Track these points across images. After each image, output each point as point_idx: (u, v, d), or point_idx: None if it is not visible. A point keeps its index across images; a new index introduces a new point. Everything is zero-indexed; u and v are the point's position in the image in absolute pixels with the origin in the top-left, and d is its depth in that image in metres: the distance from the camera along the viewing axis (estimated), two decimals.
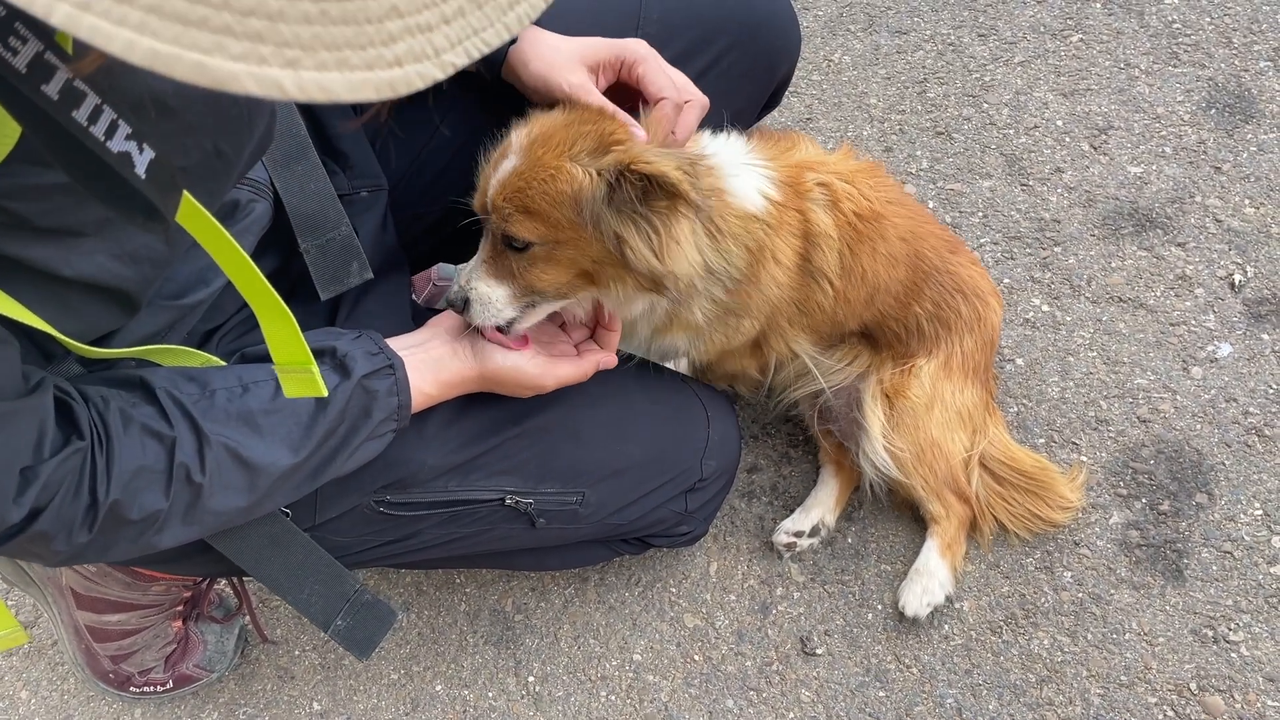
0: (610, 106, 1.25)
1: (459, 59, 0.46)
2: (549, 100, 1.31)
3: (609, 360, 1.38)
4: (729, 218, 1.34)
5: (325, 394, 0.95)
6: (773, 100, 1.74)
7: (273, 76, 0.41)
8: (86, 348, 0.96)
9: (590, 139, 1.19)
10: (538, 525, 1.42)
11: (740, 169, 1.37)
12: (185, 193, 0.75)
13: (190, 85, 0.87)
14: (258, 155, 1.06)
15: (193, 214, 0.80)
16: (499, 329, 1.29)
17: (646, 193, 1.17)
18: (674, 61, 1.47)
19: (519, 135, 1.22)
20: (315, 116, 1.33)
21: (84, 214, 0.85)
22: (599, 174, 1.17)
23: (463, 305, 1.28)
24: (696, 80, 1.53)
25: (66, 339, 0.93)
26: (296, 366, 0.93)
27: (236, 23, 0.40)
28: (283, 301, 0.87)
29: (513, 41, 1.32)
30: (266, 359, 1.13)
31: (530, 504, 1.38)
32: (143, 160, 0.64)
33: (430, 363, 1.25)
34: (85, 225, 0.87)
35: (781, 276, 1.44)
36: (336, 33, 0.42)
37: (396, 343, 1.24)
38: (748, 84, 1.62)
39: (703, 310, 1.43)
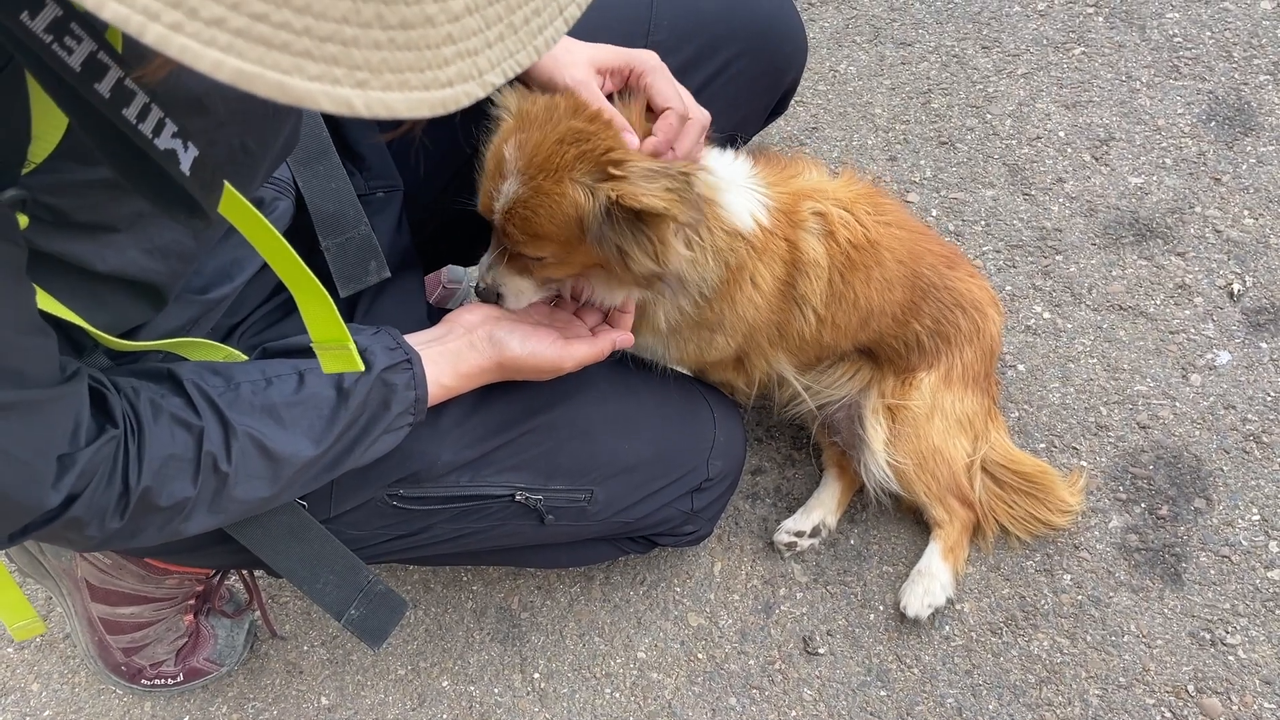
0: (607, 106, 1.26)
1: (497, 79, 0.51)
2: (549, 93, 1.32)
3: (625, 339, 1.41)
4: (716, 232, 1.37)
5: (362, 369, 0.99)
6: (779, 106, 1.77)
7: (344, 96, 0.45)
8: (116, 340, 0.98)
9: (587, 161, 1.21)
10: (546, 522, 1.44)
11: (737, 189, 1.40)
12: (225, 183, 0.78)
13: (229, 87, 0.89)
14: (284, 155, 1.09)
15: (231, 202, 0.83)
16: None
17: (640, 214, 1.21)
18: (683, 67, 1.49)
19: (512, 151, 1.23)
20: (335, 120, 1.36)
21: (119, 209, 0.88)
22: (594, 196, 1.21)
23: (496, 298, 1.39)
24: (705, 86, 1.55)
25: (97, 331, 0.95)
26: (334, 344, 0.97)
27: (315, 47, 0.44)
28: (318, 281, 0.90)
29: None
30: (288, 353, 1.16)
31: (540, 500, 1.41)
32: (187, 158, 0.66)
33: (448, 355, 1.27)
34: (119, 220, 0.89)
35: (759, 299, 1.47)
36: (400, 57, 0.46)
37: (414, 338, 1.27)
38: (755, 90, 1.65)
39: (667, 317, 1.46)
